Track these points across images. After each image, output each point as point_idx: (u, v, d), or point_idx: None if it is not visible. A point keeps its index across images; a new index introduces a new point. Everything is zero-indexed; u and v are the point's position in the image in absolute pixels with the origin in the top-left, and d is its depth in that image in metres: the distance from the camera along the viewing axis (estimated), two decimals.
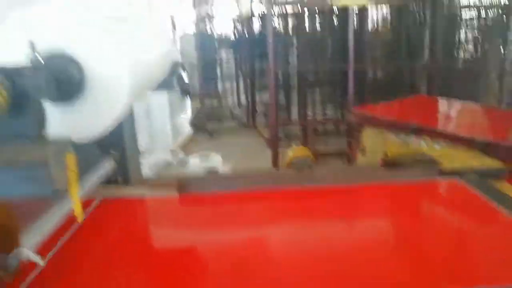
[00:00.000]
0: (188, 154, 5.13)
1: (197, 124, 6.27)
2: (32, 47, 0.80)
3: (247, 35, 6.23)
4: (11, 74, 0.77)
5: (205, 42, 6.44)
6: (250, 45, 6.14)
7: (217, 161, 3.24)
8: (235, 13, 6.60)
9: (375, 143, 2.39)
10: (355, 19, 3.94)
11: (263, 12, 6.13)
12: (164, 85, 1.82)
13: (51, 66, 0.85)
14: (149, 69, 1.41)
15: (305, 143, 4.67)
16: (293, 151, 2.18)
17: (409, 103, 2.88)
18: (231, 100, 6.96)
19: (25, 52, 0.91)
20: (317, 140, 4.74)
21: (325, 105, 4.82)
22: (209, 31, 6.67)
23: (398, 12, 4.19)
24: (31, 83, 0.77)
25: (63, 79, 0.92)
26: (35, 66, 0.78)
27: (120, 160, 1.77)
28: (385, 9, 4.53)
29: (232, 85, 6.87)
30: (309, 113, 4.86)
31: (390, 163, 1.97)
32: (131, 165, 1.85)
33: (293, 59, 5.02)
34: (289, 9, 4.72)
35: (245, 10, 6.57)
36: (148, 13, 8.54)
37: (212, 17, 6.62)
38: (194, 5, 6.59)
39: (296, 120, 5.02)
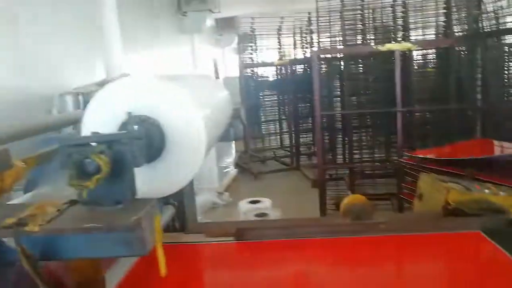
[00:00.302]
0: (233, 195, 5.18)
1: (242, 165, 6.34)
2: (130, 117, 0.87)
3: (290, 78, 6.36)
4: (110, 142, 0.83)
5: (248, 85, 6.61)
6: (293, 88, 6.25)
7: (267, 206, 3.24)
8: (277, 57, 6.78)
9: (432, 189, 2.31)
10: (400, 61, 3.94)
11: (306, 55, 6.28)
12: (224, 136, 1.87)
13: (141, 132, 0.91)
14: (218, 123, 1.47)
15: (351, 185, 4.59)
16: (349, 199, 2.15)
17: (467, 146, 2.80)
18: (274, 142, 7.03)
19: (118, 118, 0.99)
20: (364, 183, 4.65)
21: (372, 148, 4.76)
22: (252, 74, 6.85)
23: (445, 53, 4.16)
24: (128, 151, 0.83)
25: (149, 143, 0.98)
26: (132, 135, 0.84)
27: (178, 207, 1.83)
28: (431, 51, 4.53)
29: (276, 127, 6.95)
30: (355, 155, 4.80)
31: (453, 212, 1.90)
32: (188, 212, 1.91)
33: (338, 102, 5.05)
34: (333, 51, 4.80)
35: (288, 54, 6.75)
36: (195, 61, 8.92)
37: (255, 60, 6.81)
38: (238, 50, 6.82)
39: (342, 162, 4.97)
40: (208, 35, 10.71)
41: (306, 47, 6.21)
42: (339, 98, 5.04)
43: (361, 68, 4.70)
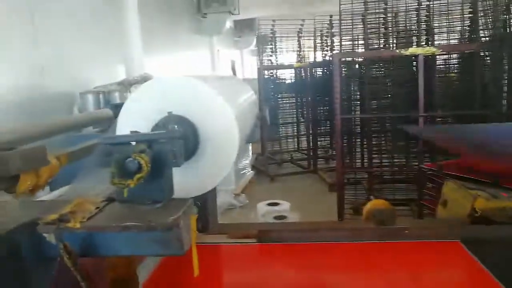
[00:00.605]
0: (249, 196, 5.18)
1: (258, 167, 6.34)
2: (170, 116, 0.87)
3: (309, 81, 6.33)
4: (151, 141, 0.83)
5: (267, 87, 6.61)
6: (312, 91, 6.23)
7: (285, 208, 3.24)
8: (296, 59, 6.76)
9: (458, 196, 2.28)
10: (423, 66, 3.89)
11: (325, 58, 6.25)
12: (249, 136, 1.87)
13: (181, 132, 0.91)
14: (246, 123, 1.48)
15: (370, 190, 4.55)
16: (372, 204, 2.12)
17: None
18: (291, 144, 7.01)
19: (153, 117, 0.99)
20: (382, 188, 4.60)
21: (391, 152, 4.70)
22: (271, 76, 6.84)
23: (469, 58, 4.10)
24: (169, 151, 0.83)
25: (185, 142, 0.98)
26: (173, 135, 0.84)
27: (200, 208, 1.83)
28: (454, 55, 4.46)
29: (293, 129, 6.93)
30: (374, 160, 4.76)
31: (480, 219, 1.87)
32: (210, 212, 1.91)
33: (357, 105, 5.01)
34: (355, 55, 4.76)
35: (307, 56, 6.73)
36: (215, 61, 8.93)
37: (274, 63, 6.80)
38: (258, 52, 6.83)
39: (360, 166, 4.92)
40: (227, 37, 10.79)
41: (326, 50, 6.19)
42: (358, 102, 5.00)
43: (382, 72, 4.65)
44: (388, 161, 4.68)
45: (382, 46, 4.55)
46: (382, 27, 4.54)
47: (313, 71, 6.34)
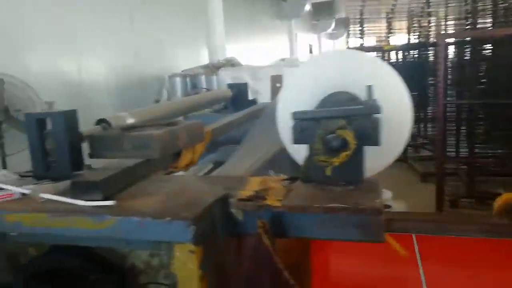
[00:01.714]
0: None
1: None
2: (370, 90, 0.80)
3: (400, 64, 5.97)
4: (350, 117, 0.77)
5: None
6: (404, 75, 5.86)
7: (388, 197, 3.08)
8: (384, 42, 6.42)
9: None
10: None
11: (419, 40, 5.87)
12: None
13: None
14: None
15: (471, 182, 4.21)
16: (506, 197, 1.92)
17: None
18: None
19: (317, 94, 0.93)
20: (485, 180, 4.24)
21: (496, 142, 4.30)
22: None
23: None
24: (371, 128, 0.76)
25: None
26: (374, 111, 0.77)
27: None
28: None
29: None
30: (476, 149, 4.38)
31: None
32: None
33: (454, 90, 4.64)
34: (462, 35, 4.39)
35: (397, 40, 6.37)
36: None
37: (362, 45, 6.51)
38: (347, 34, 6.60)
39: (455, 156, 4.55)
40: (305, 21, 10.57)
41: (420, 31, 5.79)
42: (456, 86, 4.63)
43: (488, 54, 4.24)
44: (492, 151, 4.29)
45: (490, 25, 4.15)
46: (490, 5, 4.14)
47: (406, 54, 5.96)
